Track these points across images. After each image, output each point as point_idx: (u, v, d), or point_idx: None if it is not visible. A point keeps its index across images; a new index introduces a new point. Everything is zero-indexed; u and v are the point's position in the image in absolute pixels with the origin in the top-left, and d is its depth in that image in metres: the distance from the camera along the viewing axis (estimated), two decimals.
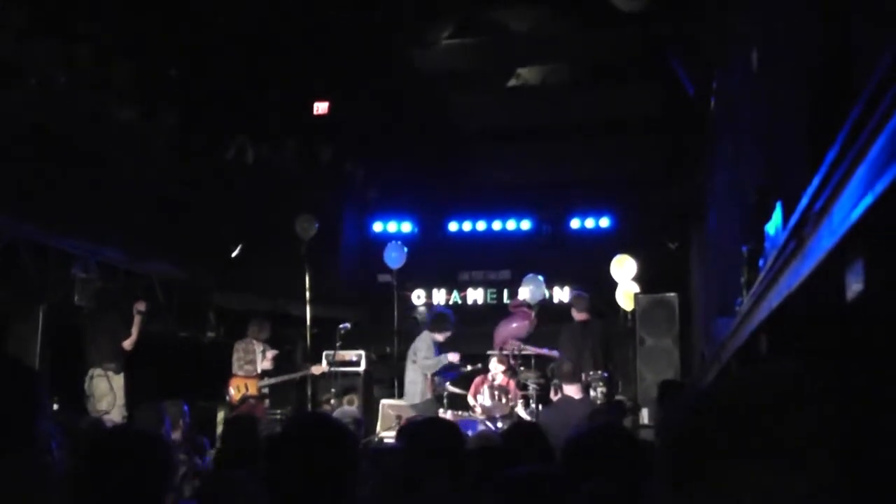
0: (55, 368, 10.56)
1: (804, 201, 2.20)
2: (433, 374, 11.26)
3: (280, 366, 12.19)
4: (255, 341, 11.71)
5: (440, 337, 11.29)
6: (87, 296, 10.77)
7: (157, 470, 2.87)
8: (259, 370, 11.63)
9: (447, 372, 11.44)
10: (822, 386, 0.73)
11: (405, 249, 13.30)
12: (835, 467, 0.66)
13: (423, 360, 11.16)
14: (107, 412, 9.76)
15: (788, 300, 2.56)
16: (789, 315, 2.78)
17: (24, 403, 2.53)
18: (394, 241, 13.80)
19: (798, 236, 2.32)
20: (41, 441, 2.50)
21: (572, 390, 9.49)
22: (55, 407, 9.81)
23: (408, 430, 4.16)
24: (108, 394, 9.99)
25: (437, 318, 11.53)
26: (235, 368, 11.58)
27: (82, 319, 10.65)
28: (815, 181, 2.03)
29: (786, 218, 3.35)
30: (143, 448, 2.89)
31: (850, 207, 1.68)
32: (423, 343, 11.31)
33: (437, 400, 11.28)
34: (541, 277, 12.39)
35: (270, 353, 11.83)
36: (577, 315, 11.67)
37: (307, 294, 12.26)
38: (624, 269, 12.81)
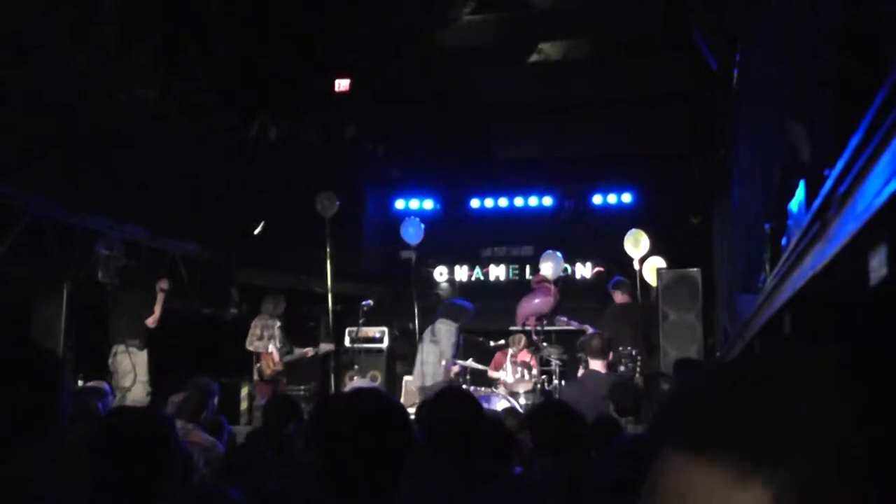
0: (79, 345, 10.64)
1: (828, 185, 2.18)
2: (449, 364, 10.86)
3: (302, 342, 12.21)
4: (269, 318, 11.69)
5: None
6: (111, 273, 10.83)
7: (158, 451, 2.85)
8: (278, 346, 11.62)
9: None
10: (849, 369, 0.73)
11: (422, 225, 13.24)
12: (859, 452, 0.66)
13: (446, 346, 10.72)
14: (129, 388, 9.85)
15: (812, 282, 2.54)
16: (813, 296, 2.76)
17: (46, 384, 2.58)
18: (410, 217, 13.73)
19: (822, 219, 2.30)
20: (61, 420, 2.55)
21: (598, 365, 9.46)
22: (80, 384, 9.93)
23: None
24: (130, 370, 10.05)
25: (461, 310, 11.16)
26: (264, 345, 11.50)
27: (106, 297, 10.71)
28: (839, 165, 2.00)
29: (809, 197, 3.32)
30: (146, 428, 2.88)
31: (875, 193, 1.65)
32: (448, 333, 10.83)
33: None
34: (559, 254, 12.34)
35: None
36: (619, 298, 11.73)
37: (328, 272, 12.18)
38: (640, 246, 12.73)
